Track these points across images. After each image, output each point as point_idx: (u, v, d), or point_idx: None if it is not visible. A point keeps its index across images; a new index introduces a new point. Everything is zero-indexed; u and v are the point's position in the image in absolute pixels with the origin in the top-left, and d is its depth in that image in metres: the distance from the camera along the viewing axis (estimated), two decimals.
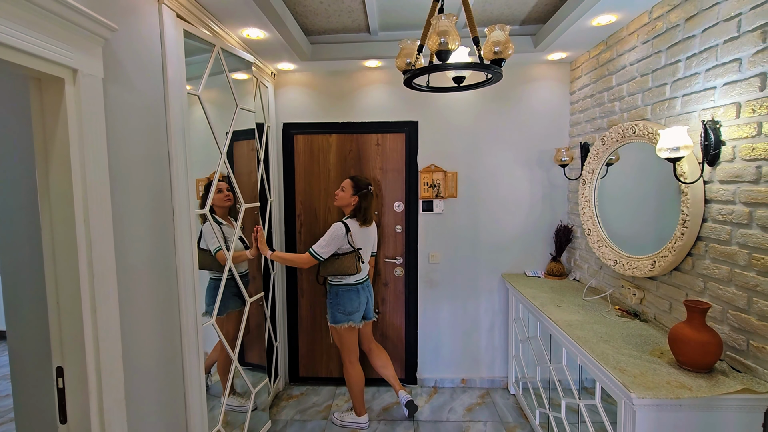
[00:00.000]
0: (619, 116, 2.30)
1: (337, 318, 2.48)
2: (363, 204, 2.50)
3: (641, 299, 2.10)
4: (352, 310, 2.48)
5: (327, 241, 2.40)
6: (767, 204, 1.38)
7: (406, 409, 2.61)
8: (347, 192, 2.51)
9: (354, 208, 2.51)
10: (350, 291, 2.47)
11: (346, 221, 2.47)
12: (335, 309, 2.49)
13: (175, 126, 1.64)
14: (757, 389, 1.37)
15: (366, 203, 2.51)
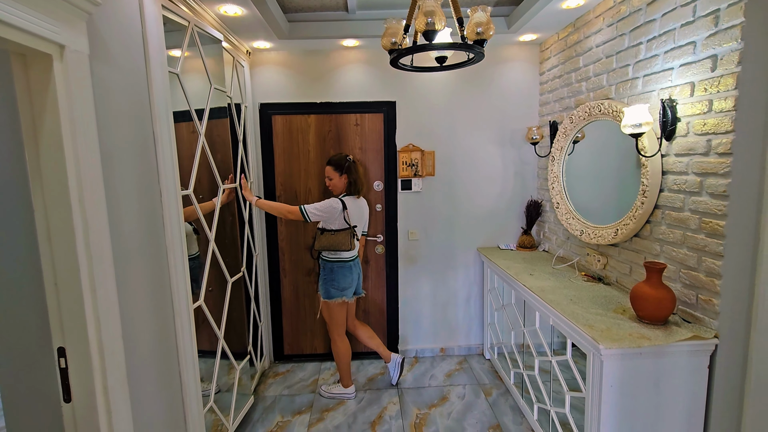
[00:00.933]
0: (585, 96, 2.45)
1: (332, 293, 2.55)
2: (352, 177, 2.56)
3: (605, 265, 2.30)
4: (345, 286, 2.56)
5: (321, 208, 2.46)
6: (716, 173, 1.56)
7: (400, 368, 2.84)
8: (335, 177, 2.56)
9: (347, 185, 2.57)
10: (344, 267, 2.55)
11: (343, 199, 2.53)
12: (329, 284, 2.55)
13: (159, 105, 1.62)
14: (704, 336, 1.58)
15: (355, 175, 2.57)
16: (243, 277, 2.57)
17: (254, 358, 2.85)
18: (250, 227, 2.84)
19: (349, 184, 2.57)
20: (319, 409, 2.62)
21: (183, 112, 1.92)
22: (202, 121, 2.02)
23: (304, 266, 3.14)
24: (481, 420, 2.46)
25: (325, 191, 3.07)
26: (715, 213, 1.56)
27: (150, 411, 1.54)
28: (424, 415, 2.52)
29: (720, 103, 1.53)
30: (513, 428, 2.38)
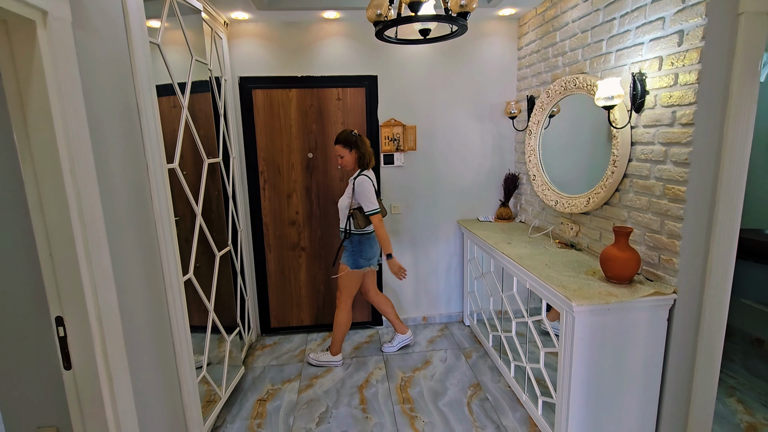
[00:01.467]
0: (561, 70, 2.53)
1: (360, 263, 2.66)
2: (360, 151, 2.59)
3: (577, 232, 2.45)
4: (371, 256, 2.70)
5: (370, 195, 2.55)
6: (679, 143, 1.68)
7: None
8: (345, 154, 2.58)
9: (357, 160, 2.60)
10: (370, 239, 2.67)
11: (364, 173, 2.59)
12: (357, 256, 2.65)
13: (142, 76, 1.60)
14: (664, 292, 1.73)
15: (363, 148, 2.60)
16: (230, 252, 2.59)
17: (243, 331, 2.90)
18: (234, 203, 2.85)
19: (359, 158, 2.60)
20: (308, 376, 2.72)
21: (164, 86, 1.89)
22: (185, 94, 2.00)
23: (288, 241, 3.18)
24: (461, 380, 2.62)
25: (308, 166, 3.08)
26: (678, 180, 1.69)
27: (147, 378, 1.59)
28: (408, 378, 2.66)
29: (685, 76, 1.63)
30: (491, 386, 2.55)
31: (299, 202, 3.13)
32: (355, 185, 2.56)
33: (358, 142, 2.59)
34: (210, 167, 2.28)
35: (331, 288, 3.28)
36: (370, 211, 2.55)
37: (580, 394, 1.79)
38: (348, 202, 2.61)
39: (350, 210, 2.60)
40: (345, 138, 2.58)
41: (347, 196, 2.63)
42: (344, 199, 2.65)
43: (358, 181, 2.55)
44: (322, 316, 3.33)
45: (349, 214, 2.61)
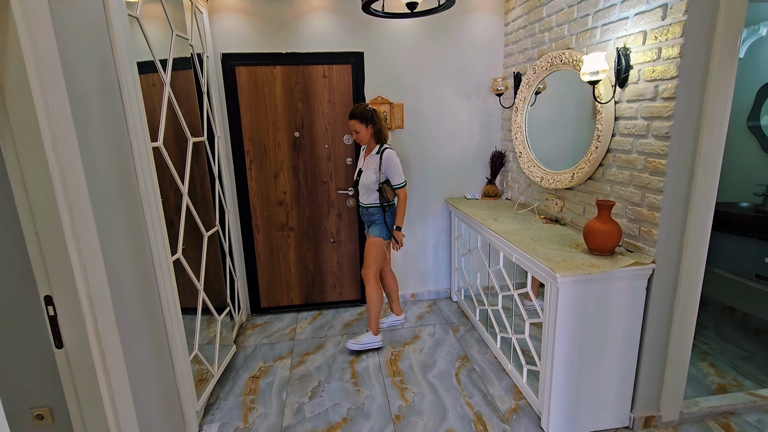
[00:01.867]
0: (548, 46, 2.54)
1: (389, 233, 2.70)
2: (376, 126, 2.59)
3: (561, 207, 2.50)
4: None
5: (398, 168, 2.60)
6: (660, 117, 1.72)
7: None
8: (362, 129, 2.57)
9: (374, 136, 2.61)
10: (394, 209, 2.72)
11: (389, 147, 2.61)
12: (390, 226, 2.69)
13: (122, 50, 1.55)
14: (644, 262, 1.80)
15: (379, 123, 2.60)
16: (217, 232, 2.58)
17: (233, 311, 2.92)
18: (221, 183, 2.81)
19: (375, 132, 2.60)
20: (300, 353, 2.76)
21: (144, 63, 1.84)
22: (166, 71, 1.94)
23: (276, 221, 3.17)
24: (450, 353, 2.70)
25: (294, 145, 3.05)
26: (658, 153, 1.74)
27: (140, 357, 1.59)
28: (398, 352, 2.73)
29: (668, 50, 1.66)
30: (479, 357, 2.63)
31: (286, 181, 3.11)
32: (383, 159, 2.56)
33: (374, 117, 2.58)
34: (195, 147, 2.25)
35: (321, 267, 3.31)
36: (398, 185, 2.60)
37: (562, 360, 1.87)
38: (375, 178, 2.59)
39: (378, 185, 2.60)
40: (361, 113, 2.55)
41: (373, 171, 2.60)
42: (370, 175, 2.61)
43: (387, 155, 2.57)
44: (312, 295, 3.36)
45: (378, 188, 2.60)
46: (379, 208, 2.65)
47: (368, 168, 2.63)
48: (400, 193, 2.63)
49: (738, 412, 2.06)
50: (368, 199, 2.67)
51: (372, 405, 2.23)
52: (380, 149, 2.60)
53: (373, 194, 2.63)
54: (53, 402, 1.45)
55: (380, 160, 2.57)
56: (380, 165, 2.57)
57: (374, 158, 2.61)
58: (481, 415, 2.13)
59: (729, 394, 2.15)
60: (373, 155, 2.62)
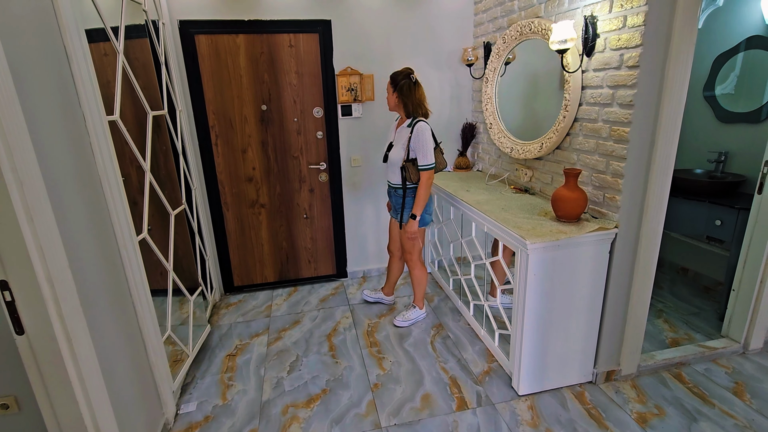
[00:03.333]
0: (517, 15, 2.52)
1: (426, 219, 2.48)
2: (403, 98, 2.32)
3: (531, 177, 2.56)
4: (431, 209, 2.53)
5: (428, 146, 2.26)
6: (625, 85, 1.76)
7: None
8: (389, 92, 2.36)
9: (403, 107, 2.35)
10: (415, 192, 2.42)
11: (423, 120, 2.32)
12: (424, 212, 2.44)
13: (67, 14, 1.42)
14: (607, 227, 1.88)
15: (408, 97, 2.31)
16: (185, 211, 2.49)
17: (205, 291, 2.86)
18: (185, 160, 2.70)
19: (404, 105, 2.33)
20: (276, 329, 2.76)
21: (94, 31, 1.70)
22: (119, 39, 1.81)
23: (247, 199, 3.09)
24: (425, 322, 2.77)
25: (262, 119, 2.95)
26: (622, 121, 1.79)
27: (110, 340, 1.55)
28: (374, 324, 2.78)
29: (632, 18, 1.68)
30: (452, 325, 2.72)
31: (255, 157, 3.02)
32: (414, 132, 2.26)
33: (404, 88, 2.30)
34: (155, 121, 2.13)
35: (295, 243, 3.27)
36: (423, 165, 2.28)
37: (532, 323, 1.96)
38: (403, 154, 2.32)
39: (403, 162, 2.33)
40: (394, 76, 2.34)
41: (401, 147, 2.32)
42: (398, 150, 2.33)
43: (419, 128, 2.26)
44: (287, 272, 3.34)
45: (402, 165, 2.34)
46: (404, 190, 2.39)
47: (398, 142, 2.36)
48: (423, 176, 2.29)
49: (689, 362, 2.24)
50: (396, 178, 2.40)
51: (350, 375, 2.28)
52: (412, 122, 2.31)
53: (399, 173, 2.38)
54: (18, 390, 1.40)
55: (410, 134, 2.29)
56: (409, 139, 2.29)
57: (405, 131, 2.33)
58: (456, 378, 2.22)
59: (681, 347, 2.32)
60: (404, 128, 2.34)
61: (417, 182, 2.36)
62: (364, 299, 3.02)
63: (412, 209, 2.38)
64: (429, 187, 2.34)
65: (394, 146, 2.41)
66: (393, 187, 2.49)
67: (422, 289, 2.74)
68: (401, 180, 2.40)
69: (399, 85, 2.32)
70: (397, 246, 2.74)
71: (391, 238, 2.75)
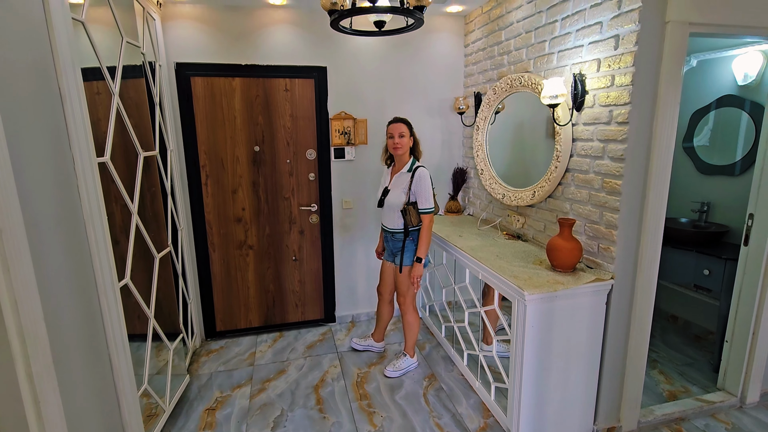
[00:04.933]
0: (507, 68, 2.63)
1: (426, 261, 2.45)
2: (416, 138, 2.46)
3: (523, 224, 2.57)
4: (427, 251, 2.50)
5: (429, 190, 2.34)
6: (615, 140, 1.81)
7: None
8: (407, 134, 2.38)
9: (412, 149, 2.44)
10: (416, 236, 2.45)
11: (422, 166, 2.41)
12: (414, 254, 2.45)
13: (64, 57, 1.40)
14: (604, 278, 1.88)
15: (416, 142, 2.46)
16: (170, 253, 2.40)
17: (186, 338, 2.71)
18: (173, 200, 2.63)
19: (413, 146, 2.44)
20: (260, 380, 2.61)
21: (89, 70, 1.69)
22: (115, 79, 1.80)
23: (234, 239, 3.01)
24: (416, 372, 2.66)
25: (254, 159, 2.93)
26: (614, 174, 1.83)
27: (81, 398, 1.42)
28: (364, 374, 2.65)
29: (620, 78, 1.77)
30: (445, 375, 2.62)
31: (245, 197, 2.97)
32: (415, 177, 2.33)
33: (415, 133, 2.45)
34: (145, 161, 2.09)
35: (282, 287, 3.17)
36: (425, 209, 2.34)
37: (531, 377, 1.89)
38: (404, 198, 2.35)
39: (404, 206, 2.36)
40: (406, 120, 2.41)
41: (402, 191, 2.36)
42: (399, 195, 2.36)
43: (420, 173, 2.34)
44: (273, 316, 3.21)
45: (402, 210, 2.37)
46: (405, 234, 2.41)
47: (397, 187, 2.39)
48: (425, 219, 2.35)
49: (688, 417, 2.18)
50: (395, 223, 2.42)
51: None
52: (412, 166, 2.39)
53: (401, 217, 2.39)
54: None
55: (411, 179, 2.35)
56: (410, 184, 2.35)
57: (404, 176, 2.39)
58: None
59: (679, 400, 2.27)
60: (404, 173, 2.39)
61: (416, 226, 2.38)
62: (353, 347, 2.90)
63: (417, 252, 2.39)
64: (431, 229, 2.40)
65: (391, 191, 2.43)
66: (391, 231, 2.48)
67: (414, 336, 2.65)
68: (402, 224, 2.40)
69: (411, 126, 2.42)
70: (389, 289, 2.67)
71: (382, 280, 2.69)
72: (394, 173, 2.47)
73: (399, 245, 2.47)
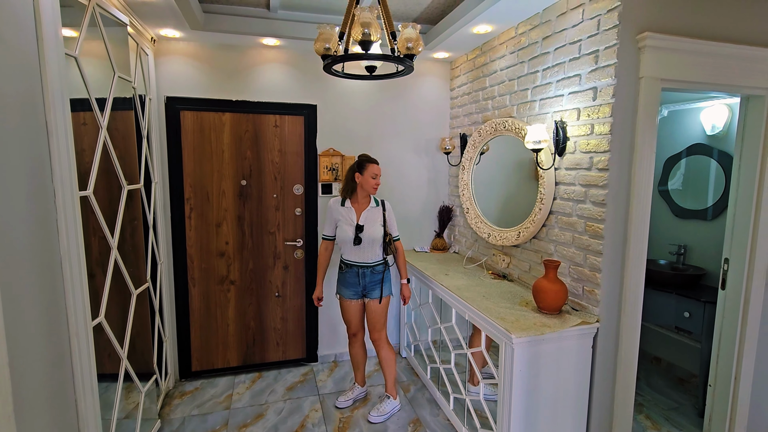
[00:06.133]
0: (491, 113, 2.74)
1: (393, 290, 2.63)
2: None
3: (508, 264, 2.59)
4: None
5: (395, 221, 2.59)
6: (596, 185, 1.88)
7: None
8: (379, 176, 2.48)
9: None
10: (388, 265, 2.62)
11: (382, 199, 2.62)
12: (391, 283, 2.62)
13: (54, 91, 1.40)
14: (589, 321, 1.88)
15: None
16: (148, 288, 2.31)
17: (159, 378, 2.57)
18: (155, 233, 2.57)
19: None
20: (236, 425, 2.47)
21: (78, 101, 1.68)
22: (104, 113, 1.79)
23: (216, 274, 2.94)
24: (401, 416, 2.56)
25: (240, 193, 2.92)
26: (596, 218, 1.88)
27: None
28: (347, 419, 2.54)
29: (599, 127, 1.85)
30: (431, 420, 2.53)
31: (230, 231, 2.93)
32: (387, 210, 2.55)
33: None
34: (129, 194, 2.05)
35: (264, 323, 3.07)
36: (397, 237, 2.58)
37: (518, 422, 1.84)
38: (383, 230, 2.48)
39: (388, 238, 2.51)
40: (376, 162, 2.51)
41: (379, 225, 2.47)
42: (378, 229, 2.46)
43: (389, 207, 2.57)
44: (252, 356, 3.08)
45: (387, 241, 2.50)
46: (384, 266, 2.53)
47: (373, 222, 2.46)
48: (400, 246, 2.59)
49: None
50: (375, 257, 2.48)
51: None
52: (379, 202, 2.54)
53: (380, 251, 2.49)
54: None
55: (384, 212, 2.52)
56: (385, 217, 2.50)
57: (376, 211, 2.49)
58: None
59: None
60: (373, 208, 2.49)
61: (390, 254, 2.57)
62: (338, 407, 2.66)
63: (402, 275, 2.59)
64: (404, 257, 2.63)
65: (366, 226, 2.44)
66: (371, 266, 2.48)
67: (395, 371, 2.62)
68: (382, 256, 2.51)
69: None
70: (362, 328, 2.63)
71: (354, 322, 2.58)
72: (360, 210, 2.48)
73: (378, 278, 2.49)
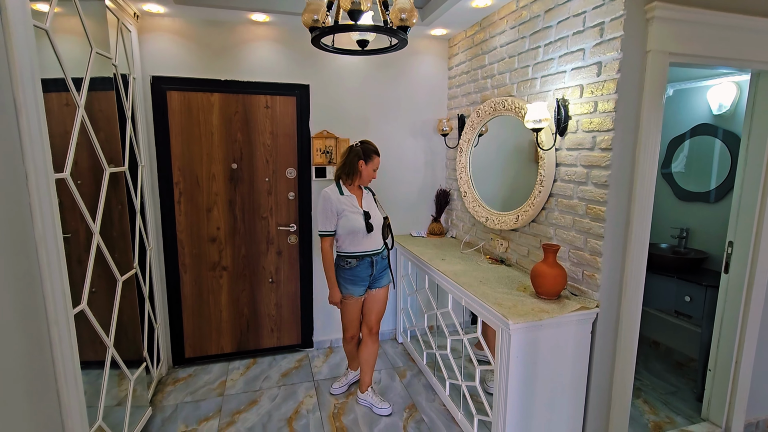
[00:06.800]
0: (490, 92, 2.64)
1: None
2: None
3: (506, 248, 2.53)
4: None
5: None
6: (599, 166, 1.80)
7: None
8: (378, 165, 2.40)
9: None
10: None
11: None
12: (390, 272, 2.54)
13: (23, 65, 1.30)
14: (589, 306, 1.83)
15: None
16: (136, 275, 2.25)
17: (150, 365, 2.53)
18: (143, 218, 2.50)
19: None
20: (230, 412, 2.44)
21: (54, 81, 1.59)
22: (81, 91, 1.69)
23: (208, 260, 2.87)
24: (396, 402, 2.54)
25: (231, 177, 2.83)
26: (598, 200, 1.81)
27: None
28: (342, 405, 2.52)
29: (603, 104, 1.76)
30: (426, 405, 2.50)
31: (221, 216, 2.85)
32: (375, 193, 2.50)
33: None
34: (113, 177, 1.97)
35: (257, 310, 3.03)
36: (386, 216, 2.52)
37: (515, 409, 1.81)
38: (383, 215, 2.44)
39: (387, 221, 2.45)
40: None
41: (376, 209, 2.41)
42: (378, 212, 2.40)
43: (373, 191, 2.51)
44: (246, 342, 3.05)
45: (387, 225, 2.43)
46: (386, 249, 2.47)
47: (372, 208, 2.38)
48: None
49: None
50: (381, 242, 2.40)
51: None
52: (367, 188, 2.46)
53: (381, 235, 2.40)
54: None
55: (373, 195, 2.47)
56: (376, 200, 2.46)
57: (369, 196, 2.43)
58: None
59: None
60: (366, 193, 2.43)
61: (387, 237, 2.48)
62: (333, 393, 2.63)
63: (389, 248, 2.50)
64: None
65: (371, 212, 2.33)
66: (379, 252, 2.39)
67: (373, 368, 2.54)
68: (382, 241, 2.42)
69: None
70: (359, 326, 2.49)
71: (354, 323, 2.45)
72: (360, 197, 2.36)
73: (386, 263, 2.46)
